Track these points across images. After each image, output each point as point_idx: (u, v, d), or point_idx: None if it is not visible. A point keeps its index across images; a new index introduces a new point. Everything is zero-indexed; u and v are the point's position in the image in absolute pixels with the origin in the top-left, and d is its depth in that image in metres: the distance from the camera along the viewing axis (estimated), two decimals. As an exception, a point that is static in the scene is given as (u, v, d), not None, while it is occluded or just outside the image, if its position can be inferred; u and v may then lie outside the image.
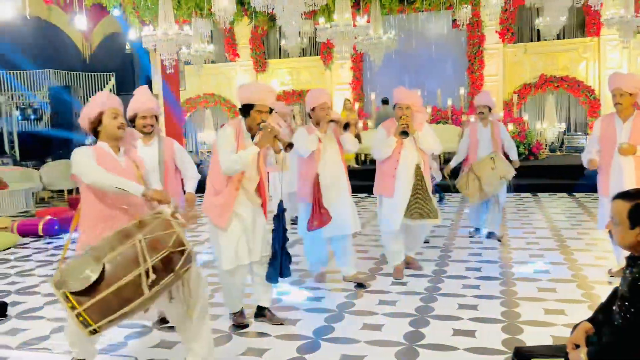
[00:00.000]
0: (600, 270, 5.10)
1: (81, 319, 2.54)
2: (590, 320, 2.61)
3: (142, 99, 4.11)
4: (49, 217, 8.10)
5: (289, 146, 3.72)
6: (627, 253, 4.31)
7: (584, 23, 13.21)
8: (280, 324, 4.04)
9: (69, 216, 8.43)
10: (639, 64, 12.73)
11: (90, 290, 2.54)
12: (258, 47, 15.34)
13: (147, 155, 3.86)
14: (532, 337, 3.64)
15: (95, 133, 3.13)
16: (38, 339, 3.95)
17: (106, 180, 2.89)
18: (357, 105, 14.21)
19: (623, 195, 2.39)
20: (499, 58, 13.81)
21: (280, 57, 15.48)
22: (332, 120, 4.72)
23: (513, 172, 6.14)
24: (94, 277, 2.54)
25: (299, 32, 10.12)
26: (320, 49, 14.84)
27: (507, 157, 6.29)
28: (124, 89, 16.22)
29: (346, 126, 4.73)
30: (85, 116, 3.11)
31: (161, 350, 3.66)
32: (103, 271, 2.55)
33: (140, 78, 17.51)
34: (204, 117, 15.90)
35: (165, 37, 7.35)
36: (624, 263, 4.61)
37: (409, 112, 4.90)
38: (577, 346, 2.49)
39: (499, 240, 6.36)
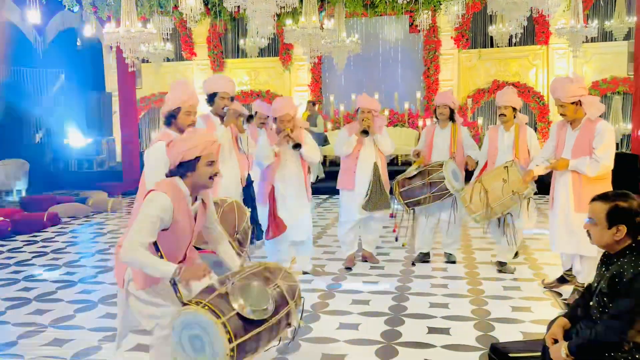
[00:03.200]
0: (559, 270, 5.32)
1: (231, 354, 2.40)
2: (565, 315, 2.75)
3: (189, 91, 3.59)
4: (0, 218, 7.78)
5: (249, 118, 4.57)
6: (568, 265, 4.55)
7: (534, 32, 13.73)
8: None
9: (21, 217, 8.13)
10: (585, 72, 13.33)
11: (248, 325, 2.49)
12: (216, 46, 15.17)
13: None
14: (504, 334, 3.78)
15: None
16: (6, 345, 3.80)
17: (136, 266, 2.65)
18: (316, 107, 14.27)
19: (602, 197, 2.54)
20: (454, 63, 14.15)
21: (238, 57, 15.36)
22: (288, 136, 4.92)
23: (531, 190, 4.87)
24: (270, 311, 2.56)
25: (257, 32, 10.11)
26: (280, 50, 14.83)
27: None
28: (74, 86, 15.72)
29: (296, 146, 4.93)
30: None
31: (138, 354, 3.59)
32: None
33: (92, 75, 17.02)
34: (159, 117, 15.63)
35: (128, 35, 7.20)
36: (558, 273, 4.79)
37: (370, 115, 5.41)
38: (556, 341, 2.63)
39: (512, 272, 5.28)
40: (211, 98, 4.51)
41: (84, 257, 6.39)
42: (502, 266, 5.38)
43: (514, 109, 5.22)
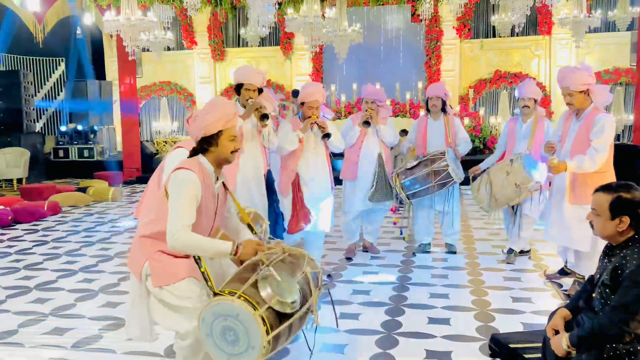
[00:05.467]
0: (560, 261, 5.31)
1: (267, 346, 2.34)
2: (567, 306, 2.74)
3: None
4: (1, 207, 7.78)
5: (263, 116, 4.31)
6: (572, 256, 4.51)
7: (537, 21, 13.65)
8: None
9: (22, 206, 8.13)
10: (587, 63, 13.25)
11: (281, 316, 2.43)
12: (216, 35, 15.09)
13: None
14: (504, 324, 3.78)
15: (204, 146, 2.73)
16: (6, 333, 3.81)
17: (191, 250, 2.60)
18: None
19: (605, 188, 2.52)
20: (455, 53, 14.08)
21: (239, 46, 15.29)
22: (315, 123, 4.69)
23: (534, 183, 4.82)
24: (297, 305, 2.48)
25: (258, 21, 10.07)
26: (281, 39, 14.75)
27: None
28: (75, 76, 15.67)
29: (326, 136, 4.69)
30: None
31: (139, 343, 3.58)
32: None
33: (92, 64, 16.96)
34: (160, 106, 15.59)
35: (129, 23, 7.15)
36: (559, 264, 4.77)
37: (374, 106, 5.38)
38: (557, 332, 2.62)
39: (512, 263, 5.30)
40: (237, 89, 4.50)
41: (85, 246, 6.39)
42: (509, 253, 5.39)
43: (535, 101, 5.22)
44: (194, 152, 2.74)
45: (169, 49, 13.34)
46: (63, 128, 14.36)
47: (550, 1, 7.78)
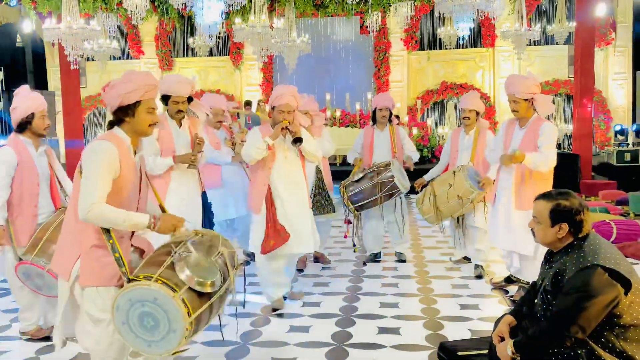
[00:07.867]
0: (504, 268, 5.42)
1: (189, 328, 2.25)
2: (512, 313, 2.79)
3: (38, 98, 3.90)
4: None
5: (199, 142, 4.20)
6: (517, 261, 4.61)
7: (481, 34, 14.09)
8: None
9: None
10: (528, 74, 13.75)
11: (201, 297, 2.32)
12: (164, 45, 14.86)
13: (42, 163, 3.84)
14: (452, 332, 3.82)
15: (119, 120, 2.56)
16: None
17: (105, 223, 2.41)
18: (267, 107, 14.18)
19: (545, 196, 2.58)
20: (403, 65, 14.37)
21: (187, 56, 15.10)
22: (286, 128, 4.21)
23: (477, 195, 4.83)
24: (218, 285, 2.37)
25: (208, 26, 9.92)
26: (230, 49, 14.65)
27: None
28: (15, 84, 15.09)
29: (297, 140, 4.22)
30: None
31: (79, 364, 3.44)
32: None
33: (34, 73, 16.38)
34: (105, 116, 15.19)
35: (70, 31, 6.91)
36: (505, 273, 4.88)
37: (309, 116, 5.12)
38: (502, 338, 2.66)
39: (478, 277, 5.19)
40: (165, 100, 4.20)
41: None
42: (456, 262, 5.62)
43: (477, 113, 5.28)
44: (110, 125, 2.60)
45: (114, 58, 13.02)
46: (2, 141, 13.76)
47: (492, 15, 8.00)
